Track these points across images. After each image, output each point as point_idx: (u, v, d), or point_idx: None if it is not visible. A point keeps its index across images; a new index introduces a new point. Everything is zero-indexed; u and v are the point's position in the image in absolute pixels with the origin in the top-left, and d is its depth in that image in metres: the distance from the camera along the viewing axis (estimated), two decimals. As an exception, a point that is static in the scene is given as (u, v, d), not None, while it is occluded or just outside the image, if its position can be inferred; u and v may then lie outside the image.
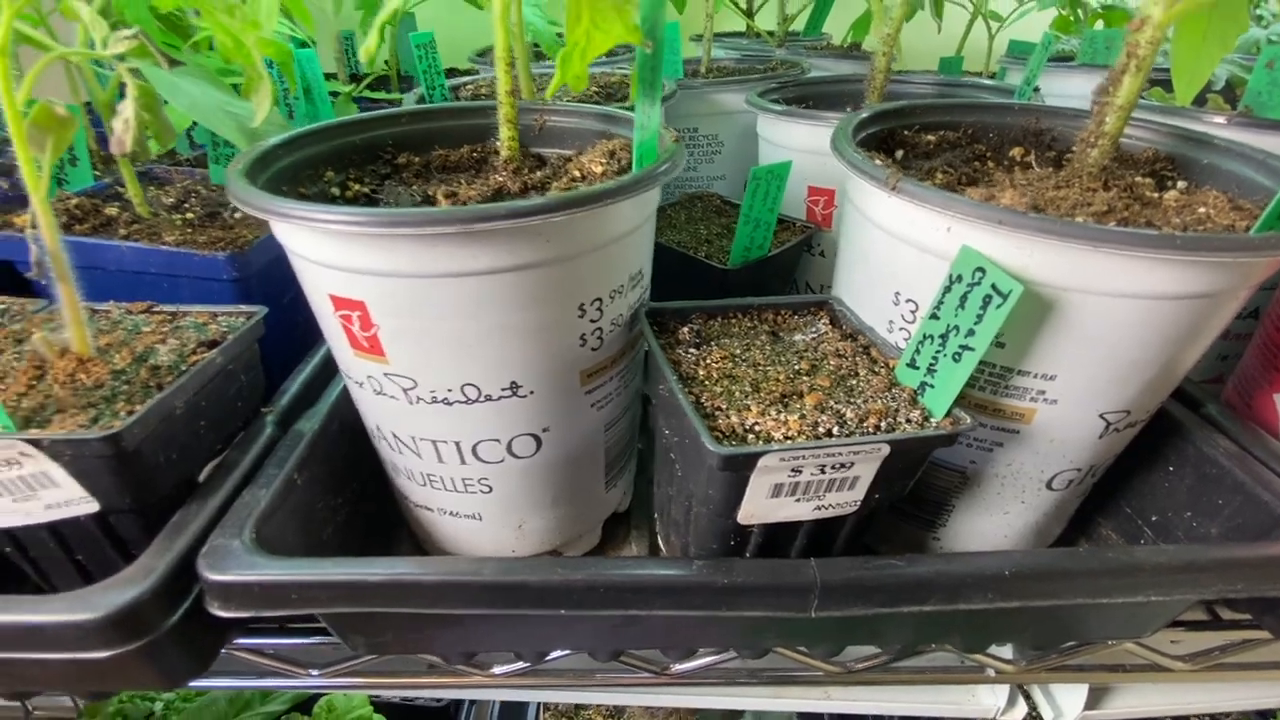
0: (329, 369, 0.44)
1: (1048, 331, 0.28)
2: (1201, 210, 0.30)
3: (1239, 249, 0.24)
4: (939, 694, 0.49)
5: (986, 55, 0.89)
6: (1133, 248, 0.24)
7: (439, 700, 0.90)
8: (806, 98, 0.58)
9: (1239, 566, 0.28)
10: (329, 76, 0.87)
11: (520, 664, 0.39)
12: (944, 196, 0.27)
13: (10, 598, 0.26)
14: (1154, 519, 0.38)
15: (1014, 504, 0.35)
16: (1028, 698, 0.50)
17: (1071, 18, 0.86)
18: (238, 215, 0.48)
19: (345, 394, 0.39)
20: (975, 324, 0.27)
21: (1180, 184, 0.36)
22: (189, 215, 0.46)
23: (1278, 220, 0.26)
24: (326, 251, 0.27)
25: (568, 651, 0.38)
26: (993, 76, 0.83)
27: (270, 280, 0.44)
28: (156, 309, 0.38)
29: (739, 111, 0.59)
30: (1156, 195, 0.32)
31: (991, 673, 0.41)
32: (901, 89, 0.59)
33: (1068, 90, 0.69)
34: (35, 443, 0.27)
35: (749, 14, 0.91)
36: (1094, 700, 0.50)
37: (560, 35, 0.65)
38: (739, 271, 0.45)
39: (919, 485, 0.36)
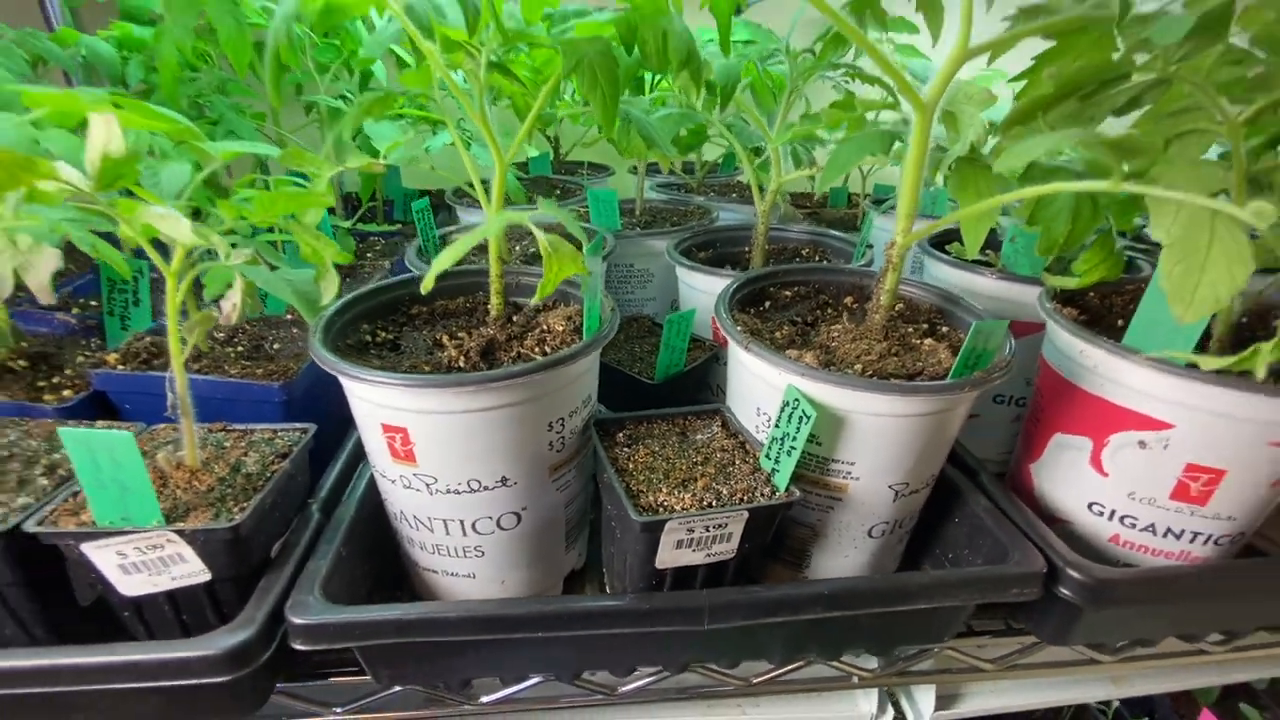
0: (351, 467, 0.57)
1: (844, 435, 0.45)
2: (940, 355, 0.48)
3: (934, 392, 0.42)
4: (828, 704, 0.63)
5: (862, 185, 1.12)
6: (876, 392, 0.41)
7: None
8: (715, 242, 0.77)
9: (971, 583, 0.45)
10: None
11: (503, 691, 0.51)
12: (774, 355, 0.44)
13: (166, 642, 0.38)
14: (950, 556, 0.55)
15: (850, 549, 0.51)
16: (895, 704, 0.65)
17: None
18: (275, 346, 0.62)
19: (369, 486, 0.53)
20: (796, 432, 0.43)
21: (944, 329, 0.55)
22: (239, 348, 0.60)
23: (964, 369, 0.44)
24: (383, 397, 0.42)
25: (540, 679, 0.51)
26: (872, 198, 1.06)
27: (307, 397, 0.57)
28: (230, 428, 0.51)
29: (663, 252, 0.77)
30: (919, 342, 0.51)
31: (855, 680, 0.56)
32: (782, 236, 0.78)
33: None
34: (180, 532, 0.39)
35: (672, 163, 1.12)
36: (944, 704, 0.65)
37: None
38: (663, 384, 0.61)
39: (787, 537, 0.52)
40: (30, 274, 0.46)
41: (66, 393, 0.54)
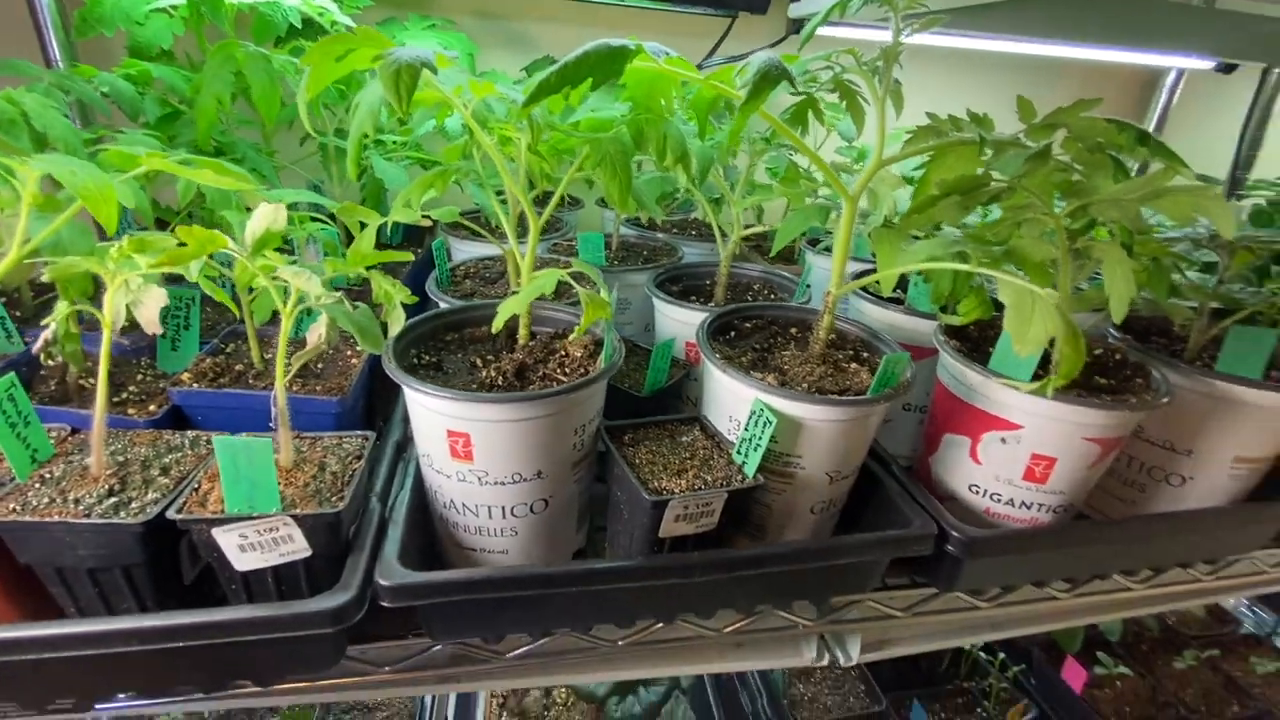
0: (394, 465, 0.68)
1: (796, 435, 0.61)
2: (862, 375, 0.65)
3: (858, 404, 0.58)
4: (781, 650, 0.78)
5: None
6: (818, 404, 0.57)
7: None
8: (683, 277, 0.93)
9: (885, 542, 0.61)
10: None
11: (525, 647, 0.64)
12: (743, 376, 0.60)
13: (289, 602, 0.49)
14: (870, 527, 0.71)
15: (797, 522, 0.67)
16: (830, 650, 0.81)
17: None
18: (320, 366, 0.72)
19: (416, 481, 0.64)
20: (761, 434, 0.58)
21: (865, 355, 0.72)
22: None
23: (879, 387, 0.61)
24: (453, 409, 0.54)
25: (558, 633, 0.63)
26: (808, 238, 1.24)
27: (352, 409, 0.68)
28: (302, 435, 0.61)
29: (640, 283, 0.91)
30: (848, 365, 0.67)
31: (800, 627, 0.72)
32: (740, 273, 0.94)
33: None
34: (295, 517, 0.50)
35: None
36: (869, 650, 0.82)
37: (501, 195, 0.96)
38: (650, 396, 0.76)
39: (751, 514, 0.67)
40: (141, 310, 0.56)
41: (151, 407, 0.63)
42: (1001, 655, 1.37)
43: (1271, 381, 0.70)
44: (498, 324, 0.51)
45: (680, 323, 0.82)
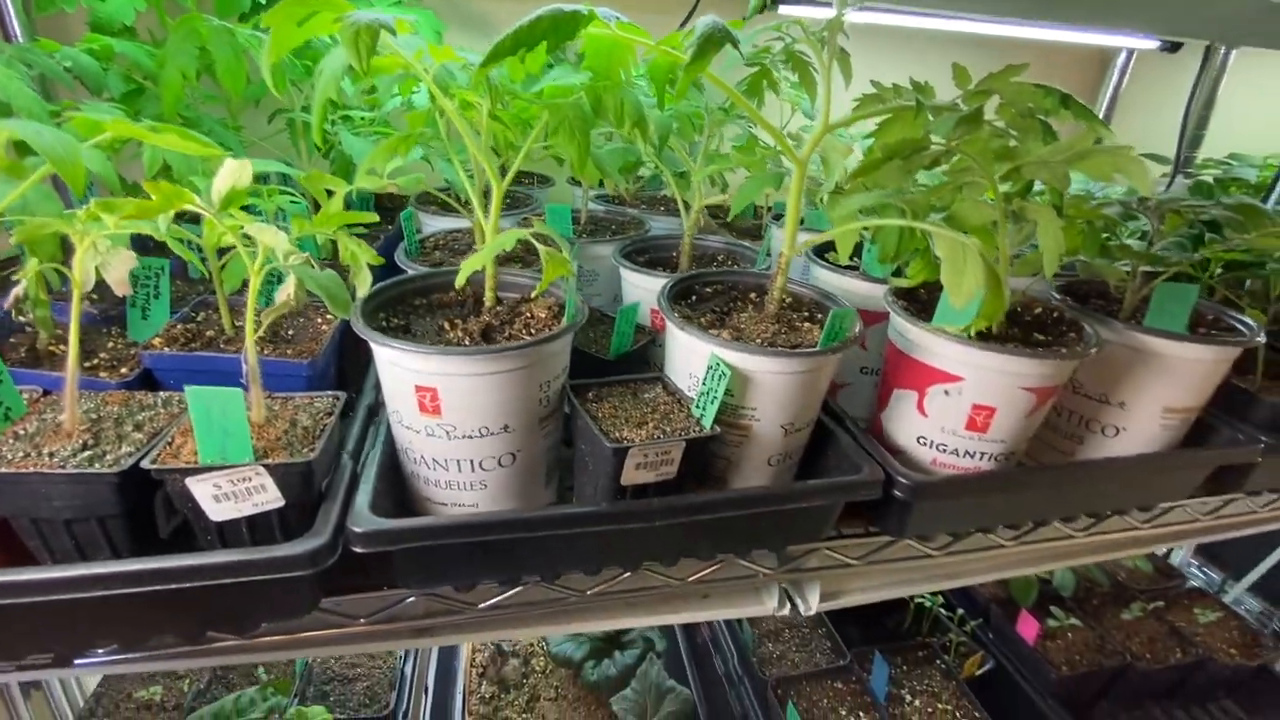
0: (367, 424, 0.70)
1: (750, 388, 0.64)
2: (814, 333, 0.68)
3: (808, 355, 0.62)
4: (745, 600, 0.82)
5: (765, 201, 1.34)
6: (770, 356, 0.61)
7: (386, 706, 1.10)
8: (649, 249, 0.95)
9: (836, 488, 0.65)
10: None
11: (497, 598, 0.67)
12: (702, 333, 0.63)
13: (268, 547, 0.51)
14: (824, 479, 0.75)
15: (755, 474, 0.71)
16: (791, 599, 0.85)
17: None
18: (290, 333, 0.74)
19: (387, 441, 0.66)
20: (717, 387, 0.62)
21: (819, 316, 0.75)
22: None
23: (828, 341, 0.64)
24: (420, 364, 0.56)
25: (528, 581, 0.66)
26: (773, 214, 1.27)
27: (322, 372, 0.70)
28: (273, 395, 0.63)
29: (607, 255, 0.94)
30: (801, 324, 0.71)
31: (761, 575, 0.75)
32: (703, 244, 0.97)
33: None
34: (268, 466, 0.52)
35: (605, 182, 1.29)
36: (827, 599, 0.86)
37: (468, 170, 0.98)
38: (616, 360, 0.78)
39: (711, 467, 0.71)
40: (109, 271, 0.57)
41: (123, 370, 0.64)
42: (960, 611, 1.43)
43: (1194, 335, 0.76)
44: (460, 280, 0.53)
45: (645, 290, 0.85)
